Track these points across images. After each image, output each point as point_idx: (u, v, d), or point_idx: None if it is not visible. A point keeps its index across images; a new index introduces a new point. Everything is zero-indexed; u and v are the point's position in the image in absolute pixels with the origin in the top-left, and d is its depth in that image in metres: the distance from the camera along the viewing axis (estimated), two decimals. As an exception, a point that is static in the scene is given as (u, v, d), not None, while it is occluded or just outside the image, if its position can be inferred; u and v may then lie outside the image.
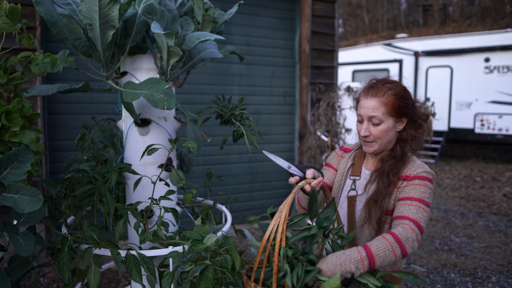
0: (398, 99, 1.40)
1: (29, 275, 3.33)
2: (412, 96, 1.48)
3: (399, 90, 1.42)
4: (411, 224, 1.26)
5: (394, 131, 1.43)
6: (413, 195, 1.33)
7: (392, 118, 1.41)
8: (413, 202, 1.32)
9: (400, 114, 1.41)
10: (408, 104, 1.42)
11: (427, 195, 1.34)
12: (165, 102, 1.24)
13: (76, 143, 1.77)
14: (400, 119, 1.43)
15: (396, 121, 1.42)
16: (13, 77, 1.28)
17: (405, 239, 1.21)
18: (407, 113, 1.43)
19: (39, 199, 1.08)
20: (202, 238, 1.34)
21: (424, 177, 1.37)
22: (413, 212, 1.29)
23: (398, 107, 1.40)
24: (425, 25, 22.11)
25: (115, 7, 1.24)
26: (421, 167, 1.40)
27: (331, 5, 5.08)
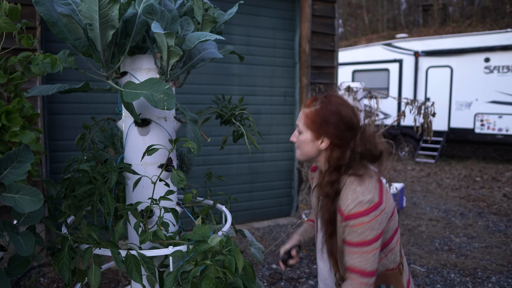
0: (318, 115, 1.34)
1: (29, 275, 3.33)
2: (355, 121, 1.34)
3: (327, 107, 1.34)
4: (357, 277, 1.29)
5: (315, 146, 1.37)
6: (352, 240, 1.29)
7: (311, 132, 1.36)
8: (354, 249, 1.29)
9: (317, 131, 1.35)
10: (327, 123, 1.33)
11: (366, 232, 1.27)
12: (165, 102, 1.24)
13: (76, 143, 1.77)
14: (319, 137, 1.35)
15: (314, 137, 1.36)
16: (13, 77, 1.28)
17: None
18: (328, 133, 1.33)
19: (39, 199, 1.08)
20: (202, 239, 1.34)
21: (356, 215, 1.27)
22: (356, 261, 1.29)
23: (315, 123, 1.34)
24: (425, 25, 22.11)
25: (115, 7, 1.24)
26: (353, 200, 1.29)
27: (331, 5, 5.08)
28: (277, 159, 5.07)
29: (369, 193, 1.29)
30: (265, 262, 3.76)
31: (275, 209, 5.10)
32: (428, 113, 3.68)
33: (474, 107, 9.55)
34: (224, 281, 1.30)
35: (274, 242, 4.26)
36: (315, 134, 1.36)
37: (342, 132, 1.33)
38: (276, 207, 5.09)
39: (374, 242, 1.28)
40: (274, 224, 4.90)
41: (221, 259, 1.30)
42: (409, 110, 3.77)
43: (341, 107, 1.34)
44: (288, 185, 5.19)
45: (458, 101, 9.79)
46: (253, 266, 1.64)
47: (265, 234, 4.53)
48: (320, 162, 1.41)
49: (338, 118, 1.33)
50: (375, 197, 1.29)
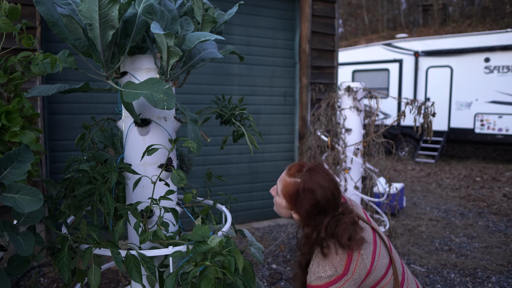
0: (294, 191, 1.36)
1: (29, 275, 3.33)
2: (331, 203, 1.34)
3: (305, 184, 1.34)
4: None
5: (288, 213, 1.42)
6: None
7: (285, 200, 1.40)
8: None
9: (290, 203, 1.38)
10: (301, 204, 1.35)
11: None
12: (165, 102, 1.24)
13: (76, 143, 1.77)
14: (291, 209, 1.40)
15: (288, 207, 1.40)
16: (13, 77, 1.28)
17: None
18: (298, 212, 1.37)
19: (39, 199, 1.08)
20: (202, 239, 1.34)
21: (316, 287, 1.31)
22: None
23: (290, 197, 1.37)
24: (425, 25, 22.11)
25: (115, 7, 1.24)
26: (314, 273, 1.32)
27: (331, 5, 5.08)
28: (277, 159, 5.07)
29: (330, 268, 1.31)
30: (265, 262, 3.76)
31: (275, 209, 5.10)
32: (428, 113, 3.68)
33: (474, 107, 9.55)
34: (224, 281, 1.30)
35: (274, 242, 4.26)
36: (288, 205, 1.40)
37: (312, 215, 1.35)
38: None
39: None
40: (274, 224, 4.90)
41: (221, 259, 1.30)
42: (409, 110, 3.77)
43: (319, 189, 1.34)
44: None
45: (458, 101, 9.79)
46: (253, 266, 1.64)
47: (265, 234, 4.53)
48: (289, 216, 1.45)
49: (311, 201, 1.34)
50: (337, 271, 1.31)
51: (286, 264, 3.72)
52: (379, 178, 4.87)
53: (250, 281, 1.34)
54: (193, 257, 1.32)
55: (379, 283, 1.40)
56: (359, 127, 3.91)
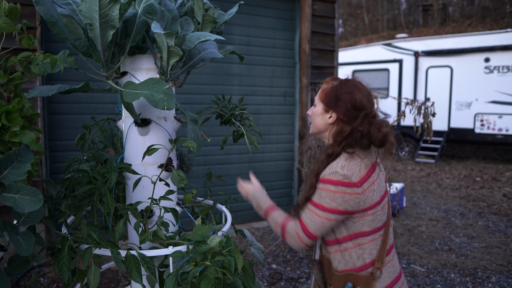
0: (332, 91, 1.45)
1: (29, 275, 3.33)
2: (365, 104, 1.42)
3: (342, 86, 1.45)
4: (297, 226, 1.40)
5: (324, 120, 1.47)
6: (313, 199, 1.39)
7: (323, 105, 1.47)
8: (310, 206, 1.40)
9: (328, 105, 1.45)
10: (338, 99, 1.43)
11: (326, 199, 1.34)
12: (165, 102, 1.24)
13: (76, 143, 1.77)
14: (328, 110, 1.46)
15: (324, 110, 1.47)
16: (13, 77, 1.28)
17: (288, 232, 1.42)
18: (336, 109, 1.43)
19: (39, 199, 1.08)
20: (202, 239, 1.34)
21: (327, 180, 1.36)
22: (305, 215, 1.40)
23: (328, 97, 1.45)
24: (425, 25, 22.11)
25: (116, 7, 1.24)
26: (331, 168, 1.37)
27: (331, 5, 5.08)
28: (277, 159, 5.07)
29: (348, 170, 1.35)
30: (265, 262, 3.76)
31: (275, 209, 5.10)
32: (428, 113, 3.68)
33: (474, 107, 9.55)
34: (224, 281, 1.30)
35: (274, 242, 4.26)
36: (325, 108, 1.46)
37: (349, 110, 1.41)
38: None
39: (328, 212, 1.35)
40: (274, 224, 4.90)
41: (221, 259, 1.30)
42: (409, 110, 3.77)
43: (354, 89, 1.44)
44: (288, 185, 5.19)
45: (458, 101, 9.79)
46: (253, 266, 1.64)
47: (265, 234, 4.53)
48: (326, 137, 1.50)
49: (348, 98, 1.42)
50: (352, 177, 1.34)
51: (286, 264, 3.72)
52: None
53: (250, 281, 1.34)
54: (193, 257, 1.32)
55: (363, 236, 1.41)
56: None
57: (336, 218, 1.36)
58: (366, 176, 1.37)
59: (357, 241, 1.40)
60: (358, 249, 1.41)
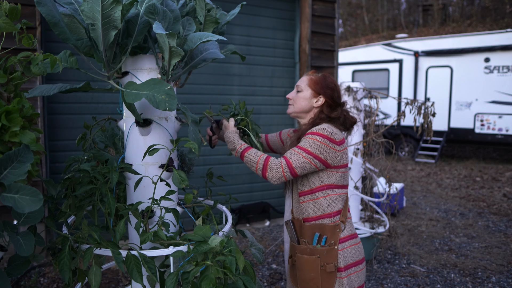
0: (320, 79, 1.74)
1: (29, 275, 3.33)
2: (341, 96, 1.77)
3: (327, 78, 1.74)
4: (283, 161, 1.60)
5: (310, 103, 1.74)
6: (300, 144, 1.63)
7: (311, 91, 1.73)
8: (296, 149, 1.62)
9: (317, 90, 1.72)
10: (327, 87, 1.72)
11: (312, 146, 1.59)
12: (167, 103, 1.24)
13: (77, 143, 1.77)
14: (317, 95, 1.72)
15: (313, 95, 1.73)
16: (13, 77, 1.28)
17: (270, 166, 1.60)
18: (325, 93, 1.72)
19: (39, 199, 1.08)
20: (203, 239, 1.34)
21: (315, 133, 1.62)
22: (291, 154, 1.61)
23: (317, 83, 1.72)
24: (425, 25, 22.11)
25: (118, 7, 1.24)
26: (319, 126, 1.64)
27: (331, 5, 5.07)
28: (277, 159, 5.07)
29: (333, 130, 1.64)
30: (265, 262, 3.76)
31: (275, 209, 5.10)
32: (428, 113, 3.68)
33: (474, 107, 9.55)
34: (224, 281, 1.30)
35: (274, 242, 4.26)
36: (314, 93, 1.73)
37: (336, 97, 1.74)
38: (276, 207, 5.09)
39: (312, 156, 1.60)
40: (274, 224, 4.90)
41: (222, 259, 1.30)
42: (409, 110, 3.77)
43: (336, 83, 1.77)
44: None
45: (458, 101, 9.79)
46: (253, 266, 1.64)
47: (265, 234, 4.53)
48: (306, 118, 1.77)
49: (335, 87, 1.74)
50: (335, 136, 1.63)
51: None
52: (379, 178, 4.87)
53: (251, 281, 1.34)
54: (194, 257, 1.32)
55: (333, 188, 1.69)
56: (359, 127, 3.90)
57: (316, 164, 1.61)
58: (343, 140, 1.68)
59: (327, 192, 1.67)
60: (328, 198, 1.67)
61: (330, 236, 1.65)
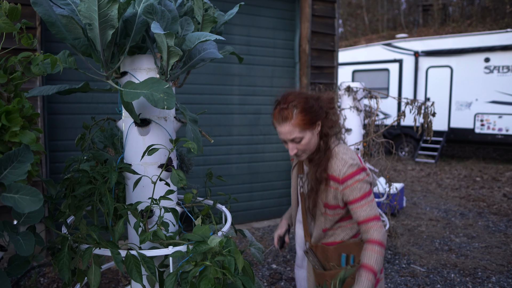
0: (305, 114, 1.52)
1: (29, 275, 3.34)
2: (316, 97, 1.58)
3: (302, 104, 1.52)
4: (375, 223, 1.52)
5: (315, 136, 1.58)
6: (356, 196, 1.53)
7: (308, 130, 1.54)
8: (361, 202, 1.53)
9: (312, 123, 1.54)
10: (315, 111, 1.54)
11: (364, 186, 1.53)
12: (165, 101, 1.24)
13: (76, 143, 1.77)
14: (315, 126, 1.56)
15: (312, 130, 1.56)
16: (13, 77, 1.28)
17: (382, 238, 1.51)
18: (318, 117, 1.55)
19: (39, 199, 1.08)
20: (202, 239, 1.34)
21: (351, 175, 1.52)
22: (367, 211, 1.53)
23: (308, 120, 1.53)
24: (425, 25, 22.10)
25: (114, 6, 1.24)
26: (344, 164, 1.53)
27: (331, 5, 5.08)
28: (277, 159, 5.07)
29: (353, 159, 1.56)
30: (265, 262, 3.76)
31: (275, 209, 5.10)
32: (428, 113, 3.68)
33: (474, 107, 9.55)
34: (223, 281, 1.30)
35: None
36: (311, 127, 1.55)
37: (320, 108, 1.57)
38: (276, 207, 5.09)
39: (372, 193, 1.55)
40: (274, 224, 4.90)
41: (221, 259, 1.30)
42: (409, 110, 3.77)
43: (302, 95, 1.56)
44: (288, 185, 5.19)
45: (458, 101, 9.79)
46: (253, 266, 1.65)
47: (265, 234, 4.53)
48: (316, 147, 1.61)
49: (319, 103, 1.56)
50: (359, 162, 1.56)
51: (286, 264, 3.72)
52: (379, 178, 4.87)
53: (250, 281, 1.34)
54: (193, 257, 1.32)
55: None
56: (359, 127, 3.91)
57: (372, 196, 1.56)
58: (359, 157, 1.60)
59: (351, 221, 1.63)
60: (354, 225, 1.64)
61: (357, 253, 1.61)
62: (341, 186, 1.55)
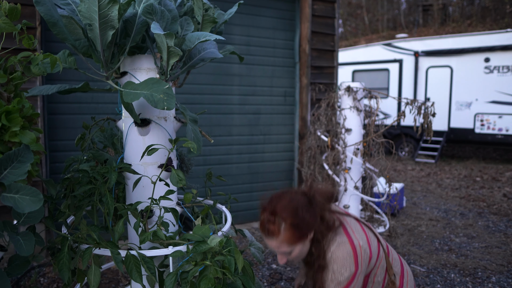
0: (294, 230, 1.38)
1: (29, 275, 3.34)
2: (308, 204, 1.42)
3: (291, 217, 1.37)
4: None
5: (306, 245, 1.44)
6: None
7: (298, 243, 1.41)
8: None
9: (302, 237, 1.40)
10: (306, 224, 1.39)
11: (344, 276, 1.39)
12: (165, 102, 1.24)
13: (76, 143, 1.77)
14: (306, 239, 1.42)
15: (303, 242, 1.42)
16: (13, 77, 1.28)
17: None
18: (310, 228, 1.41)
19: (39, 199, 1.08)
20: (202, 239, 1.34)
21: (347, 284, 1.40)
22: None
23: (297, 236, 1.39)
24: (425, 25, 22.10)
25: (115, 7, 1.24)
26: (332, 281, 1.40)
27: (331, 5, 5.08)
28: (277, 159, 5.07)
29: (345, 270, 1.39)
30: (265, 262, 3.76)
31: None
32: (428, 113, 3.68)
33: (474, 107, 9.55)
34: (223, 281, 1.30)
35: (274, 242, 4.25)
36: (301, 240, 1.41)
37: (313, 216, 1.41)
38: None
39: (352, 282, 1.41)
40: (274, 224, 4.89)
41: (221, 259, 1.30)
42: (409, 110, 3.77)
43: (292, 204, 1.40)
44: (288, 185, 5.18)
45: (458, 101, 9.79)
46: (253, 266, 1.65)
47: (265, 234, 4.52)
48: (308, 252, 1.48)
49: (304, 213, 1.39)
50: (351, 269, 1.40)
51: (286, 264, 3.72)
52: (379, 178, 4.87)
53: (250, 281, 1.34)
54: (193, 257, 1.32)
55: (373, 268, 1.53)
56: (359, 127, 3.91)
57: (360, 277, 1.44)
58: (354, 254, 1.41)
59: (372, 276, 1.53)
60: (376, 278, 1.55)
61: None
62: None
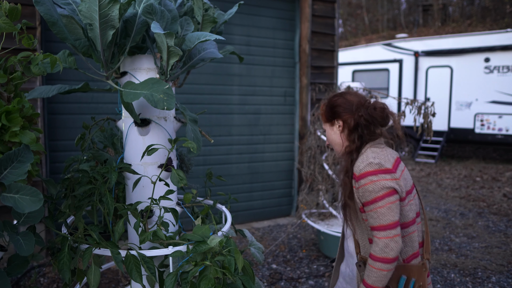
0: (325, 107, 1.60)
1: (29, 275, 3.34)
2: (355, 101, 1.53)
3: (330, 98, 1.60)
4: (377, 233, 1.39)
5: (336, 133, 1.58)
6: (366, 199, 1.41)
7: (327, 123, 1.60)
8: (370, 207, 1.40)
9: (330, 118, 1.58)
10: (336, 107, 1.55)
11: (377, 189, 1.38)
12: (165, 102, 1.24)
13: (76, 143, 1.77)
14: (333, 122, 1.58)
15: (331, 125, 1.59)
16: (13, 77, 1.28)
17: (383, 253, 1.36)
18: (338, 116, 1.55)
19: (39, 199, 1.08)
20: (202, 239, 1.34)
21: (366, 174, 1.40)
22: (373, 218, 1.40)
23: (326, 113, 1.59)
24: (425, 25, 22.10)
25: (115, 7, 1.24)
26: (363, 161, 1.43)
27: (331, 5, 5.08)
28: (277, 159, 5.07)
29: (380, 159, 1.42)
30: (265, 262, 3.76)
31: (275, 209, 5.10)
32: (428, 113, 3.68)
33: (474, 107, 9.55)
34: (223, 281, 1.30)
35: (274, 242, 4.26)
36: (330, 123, 1.58)
37: (346, 109, 1.53)
38: (276, 207, 5.09)
39: (387, 196, 1.38)
40: (274, 224, 4.90)
41: (221, 259, 1.30)
42: (409, 110, 3.77)
43: (342, 93, 1.59)
44: (288, 185, 5.19)
45: (458, 101, 9.79)
46: (253, 266, 1.65)
47: (265, 234, 4.53)
48: (342, 148, 1.57)
49: (340, 100, 1.55)
50: (386, 163, 1.41)
51: (286, 264, 3.72)
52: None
53: (250, 281, 1.34)
54: (193, 257, 1.32)
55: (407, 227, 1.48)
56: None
57: (396, 198, 1.39)
58: (396, 164, 1.45)
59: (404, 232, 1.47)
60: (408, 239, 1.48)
61: (419, 278, 1.46)
62: (356, 184, 1.44)
